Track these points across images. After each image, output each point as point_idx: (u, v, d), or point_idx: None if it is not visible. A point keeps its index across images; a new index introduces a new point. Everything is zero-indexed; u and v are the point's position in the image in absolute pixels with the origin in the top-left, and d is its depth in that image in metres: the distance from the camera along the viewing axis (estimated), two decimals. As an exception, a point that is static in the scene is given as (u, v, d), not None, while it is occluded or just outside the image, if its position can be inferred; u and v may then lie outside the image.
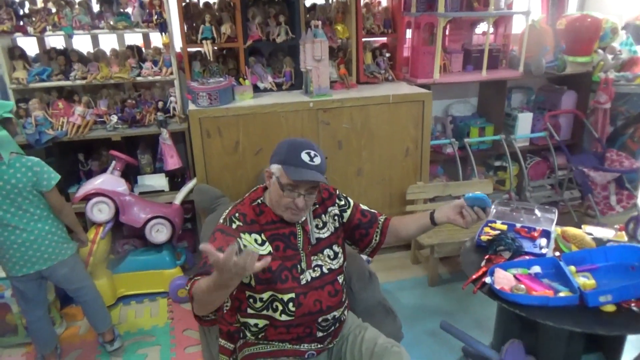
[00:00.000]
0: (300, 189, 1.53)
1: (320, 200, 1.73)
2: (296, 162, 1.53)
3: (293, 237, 1.64)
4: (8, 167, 2.03)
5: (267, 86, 3.03)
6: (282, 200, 1.55)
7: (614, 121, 3.60)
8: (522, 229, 2.16)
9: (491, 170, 3.71)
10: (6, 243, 2.09)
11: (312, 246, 1.65)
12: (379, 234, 1.80)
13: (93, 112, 2.88)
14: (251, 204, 1.65)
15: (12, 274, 2.15)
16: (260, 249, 1.57)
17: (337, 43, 3.17)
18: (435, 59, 3.12)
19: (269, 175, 1.62)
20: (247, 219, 1.59)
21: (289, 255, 1.61)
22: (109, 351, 2.43)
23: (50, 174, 2.12)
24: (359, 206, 1.80)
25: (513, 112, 3.60)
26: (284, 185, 1.54)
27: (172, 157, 2.89)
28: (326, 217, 1.72)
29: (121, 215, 2.68)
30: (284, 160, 1.55)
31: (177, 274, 2.84)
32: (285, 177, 1.54)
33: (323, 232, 1.70)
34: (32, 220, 2.11)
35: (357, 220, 1.77)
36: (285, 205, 1.56)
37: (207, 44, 2.81)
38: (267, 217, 1.62)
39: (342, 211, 1.76)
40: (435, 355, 2.34)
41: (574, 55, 3.40)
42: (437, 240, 2.81)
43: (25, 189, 2.06)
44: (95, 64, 2.87)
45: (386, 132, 2.94)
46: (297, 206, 1.54)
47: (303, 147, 1.57)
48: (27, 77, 2.75)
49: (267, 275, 1.56)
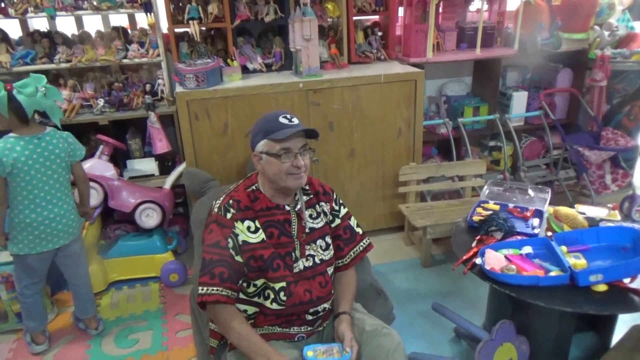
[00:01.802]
0: (293, 149, 1.54)
1: (314, 192, 1.72)
2: (277, 127, 1.54)
3: (288, 224, 1.62)
4: (51, 138, 2.13)
5: (256, 67, 2.98)
6: (282, 167, 1.54)
7: (610, 99, 3.56)
8: (514, 209, 2.15)
9: (486, 150, 3.68)
10: (37, 219, 2.12)
11: (306, 235, 1.64)
12: (351, 257, 1.76)
13: (79, 96, 2.83)
14: (245, 190, 1.64)
15: (35, 251, 2.16)
16: (253, 237, 1.56)
17: (327, 22, 3.10)
18: (428, 38, 3.05)
19: (258, 158, 1.60)
20: (241, 205, 1.58)
21: (283, 242, 1.60)
22: (93, 335, 2.44)
23: (79, 145, 2.27)
24: (347, 220, 1.77)
25: (508, 91, 3.55)
26: (277, 152, 1.54)
27: (161, 141, 2.85)
28: (319, 209, 1.70)
29: (110, 200, 2.65)
30: (265, 133, 1.56)
31: (168, 259, 2.82)
32: (274, 144, 1.54)
33: (317, 222, 1.68)
34: (64, 195, 2.19)
35: (340, 232, 1.75)
36: (287, 172, 1.55)
37: (193, 24, 2.74)
38: (261, 204, 1.61)
39: (333, 215, 1.74)
40: (427, 336, 2.33)
41: (569, 32, 3.34)
42: (430, 221, 2.79)
43: (65, 159, 2.18)
44: (80, 46, 2.81)
45: (378, 112, 2.90)
46: (298, 166, 1.54)
47: (278, 114, 1.58)
48: (10, 60, 2.69)
49: (259, 263, 1.55)
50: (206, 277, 1.51)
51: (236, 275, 1.52)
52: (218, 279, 1.50)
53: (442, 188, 3.24)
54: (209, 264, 1.51)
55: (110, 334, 2.45)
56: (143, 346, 2.36)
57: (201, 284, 1.51)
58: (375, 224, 3.17)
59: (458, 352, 2.25)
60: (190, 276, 2.79)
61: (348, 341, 1.53)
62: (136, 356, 2.30)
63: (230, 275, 1.51)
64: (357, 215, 1.92)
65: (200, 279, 1.52)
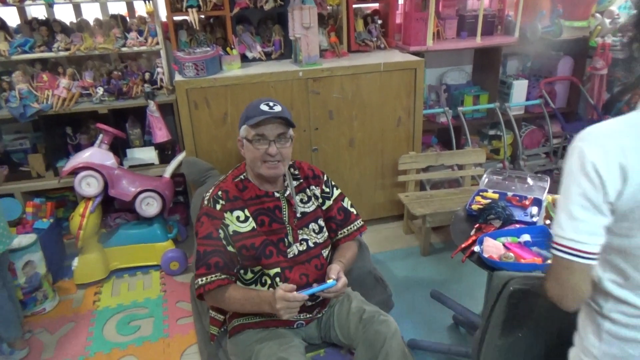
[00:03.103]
0: (268, 136, 1.55)
1: (304, 176, 1.72)
2: (256, 113, 1.55)
3: (278, 210, 1.63)
4: None
5: (255, 55, 2.96)
6: (256, 153, 1.56)
7: (610, 88, 3.55)
8: (513, 197, 2.15)
9: (485, 139, 3.68)
10: None
11: (298, 220, 1.65)
12: (345, 234, 1.77)
13: (78, 85, 2.82)
14: (234, 180, 1.65)
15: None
16: (243, 226, 1.57)
17: (327, 10, 3.08)
18: (428, 26, 3.04)
19: (240, 143, 1.63)
20: (229, 196, 1.59)
21: (275, 229, 1.61)
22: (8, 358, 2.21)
23: None
24: (340, 202, 1.78)
25: (508, 79, 3.54)
26: (252, 137, 1.56)
27: (161, 130, 2.85)
28: (310, 193, 1.71)
29: (110, 189, 2.65)
30: (245, 118, 1.58)
31: (169, 247, 2.83)
32: (250, 129, 1.56)
33: (308, 206, 1.69)
34: None
35: (333, 213, 1.75)
36: (260, 159, 1.57)
37: (192, 12, 2.72)
38: (250, 193, 1.62)
39: (324, 197, 1.75)
40: (426, 324, 2.36)
41: (570, 20, 3.32)
42: (429, 210, 2.80)
43: None
44: (79, 34, 2.80)
45: (378, 101, 2.89)
46: (271, 154, 1.55)
47: (261, 101, 1.59)
48: (8, 48, 2.68)
49: (251, 252, 1.57)
50: (202, 268, 1.53)
51: (231, 264, 1.55)
52: (214, 268, 1.52)
53: (442, 177, 3.25)
54: (204, 256, 1.53)
55: (112, 321, 2.47)
56: (144, 333, 2.38)
57: (198, 275, 1.53)
58: (374, 213, 3.18)
59: (456, 340, 2.27)
60: (191, 264, 2.80)
61: (335, 271, 1.54)
62: (137, 343, 2.32)
63: (225, 264, 1.53)
64: (357, 204, 1.93)
65: (197, 271, 1.54)
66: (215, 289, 1.52)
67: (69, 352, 2.28)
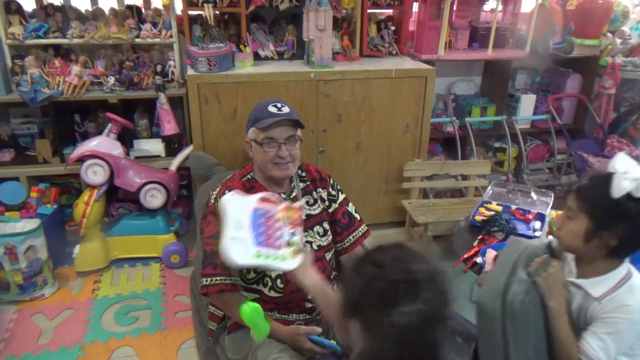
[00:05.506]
0: (278, 138, 1.56)
1: (311, 179, 1.73)
2: (264, 115, 1.56)
3: None
4: None
5: (268, 54, 2.97)
6: (267, 156, 1.57)
7: (617, 107, 3.56)
8: (517, 210, 2.16)
9: (490, 150, 3.69)
10: None
11: (303, 222, 1.65)
12: (351, 241, 1.78)
13: (90, 73, 2.82)
14: (241, 179, 1.66)
15: None
16: None
17: (341, 13, 3.09)
18: (441, 35, 3.05)
19: (249, 145, 1.63)
20: None
21: None
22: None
23: None
24: (345, 206, 1.79)
25: (516, 93, 3.55)
26: (262, 140, 1.56)
27: (169, 123, 2.86)
28: (316, 195, 1.71)
29: (116, 179, 2.66)
30: (254, 121, 1.59)
31: (170, 240, 2.84)
32: (260, 132, 1.57)
33: (314, 209, 1.70)
34: None
35: (338, 217, 1.77)
36: (271, 161, 1.58)
37: (208, 7, 2.73)
38: (257, 193, 1.62)
39: (330, 200, 1.76)
40: (423, 331, 2.36)
41: (582, 38, 3.33)
42: (432, 218, 2.81)
43: None
44: (94, 22, 2.80)
45: (387, 107, 2.90)
46: (281, 156, 1.56)
47: (269, 102, 1.60)
48: (23, 32, 2.68)
49: None
50: (209, 268, 1.54)
51: None
52: (220, 268, 1.52)
53: (446, 186, 3.26)
54: (210, 255, 1.54)
55: (110, 311, 2.48)
56: (142, 324, 2.39)
57: (204, 275, 1.54)
58: (377, 218, 3.19)
59: (454, 350, 2.28)
60: (192, 258, 2.81)
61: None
62: (135, 334, 2.33)
63: None
64: (360, 208, 1.94)
65: (203, 270, 1.55)
66: (217, 292, 1.54)
67: (66, 339, 2.28)
